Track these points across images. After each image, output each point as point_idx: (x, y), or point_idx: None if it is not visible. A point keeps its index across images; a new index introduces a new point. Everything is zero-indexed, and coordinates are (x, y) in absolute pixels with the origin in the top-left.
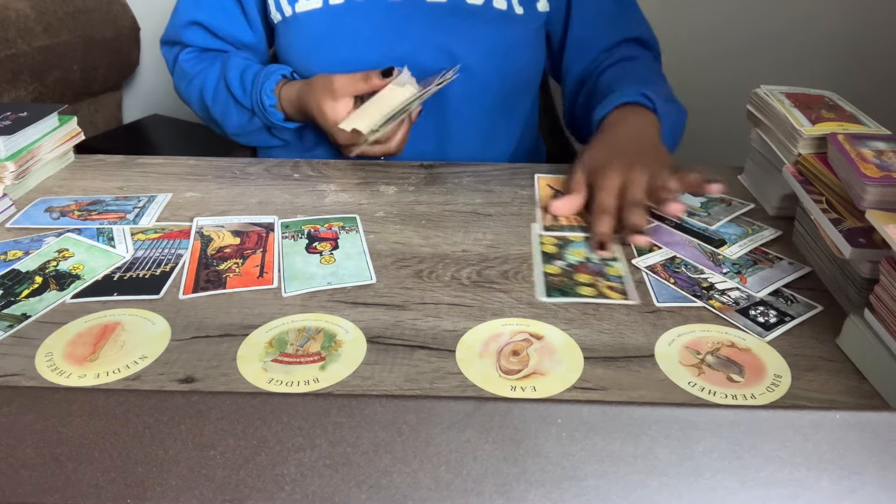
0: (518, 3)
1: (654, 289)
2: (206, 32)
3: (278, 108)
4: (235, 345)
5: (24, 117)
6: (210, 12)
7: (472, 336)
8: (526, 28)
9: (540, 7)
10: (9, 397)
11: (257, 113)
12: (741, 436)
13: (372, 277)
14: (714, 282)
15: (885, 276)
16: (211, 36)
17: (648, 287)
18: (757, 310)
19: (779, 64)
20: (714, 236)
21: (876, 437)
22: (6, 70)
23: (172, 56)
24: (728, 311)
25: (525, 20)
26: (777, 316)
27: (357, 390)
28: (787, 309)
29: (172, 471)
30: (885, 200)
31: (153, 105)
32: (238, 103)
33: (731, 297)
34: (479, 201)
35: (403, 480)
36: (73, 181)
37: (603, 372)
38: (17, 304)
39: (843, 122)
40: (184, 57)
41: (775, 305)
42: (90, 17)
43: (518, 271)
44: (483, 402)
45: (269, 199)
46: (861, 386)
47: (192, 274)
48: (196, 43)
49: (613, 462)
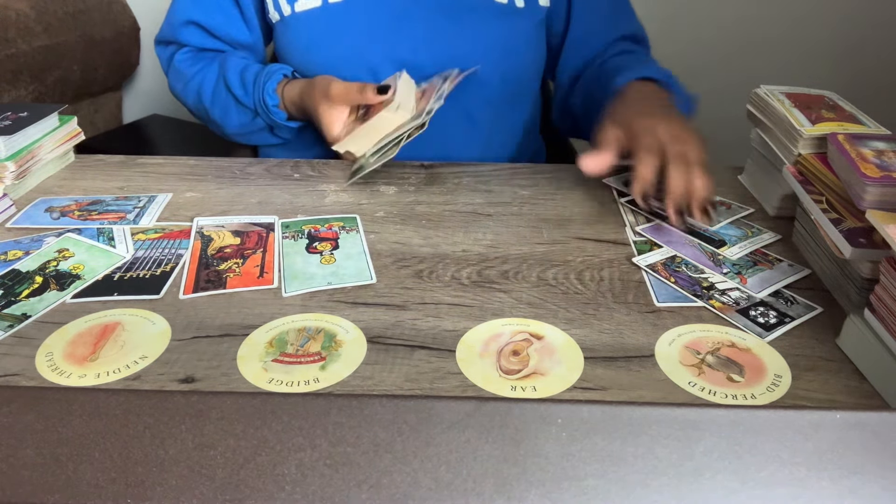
0: None
1: (654, 288)
2: (202, 32)
3: (281, 107)
4: (236, 345)
5: (24, 117)
6: (207, 12)
7: (472, 336)
8: (527, 23)
9: (542, 2)
10: (9, 397)
11: (260, 113)
12: (741, 436)
13: (372, 277)
14: (714, 281)
15: (885, 276)
16: (208, 35)
17: (648, 287)
18: (757, 310)
19: (779, 64)
20: (714, 237)
21: (876, 437)
22: (6, 70)
23: (167, 56)
24: (728, 311)
25: (526, 14)
26: (777, 317)
27: (357, 390)
28: (786, 310)
29: (172, 471)
30: (885, 200)
31: (153, 105)
32: (239, 103)
33: (732, 297)
34: (479, 201)
35: (403, 480)
36: (73, 181)
37: (603, 372)
38: (18, 304)
39: (843, 122)
40: (179, 57)
41: (775, 306)
42: (90, 17)
43: (518, 271)
44: (483, 402)
45: (270, 199)
46: (861, 386)
47: (192, 274)
48: (192, 42)
49: (613, 462)
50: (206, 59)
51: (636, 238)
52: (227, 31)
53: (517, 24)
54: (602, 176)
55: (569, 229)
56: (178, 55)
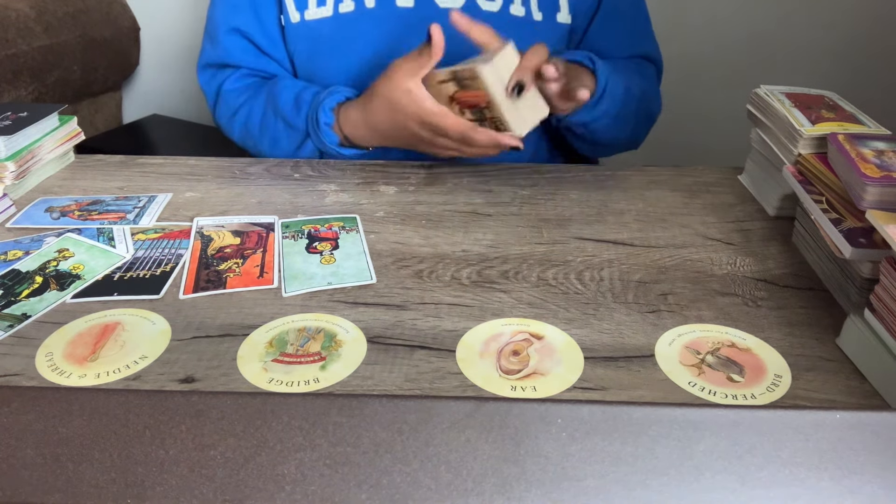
0: (537, 9)
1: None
2: (246, 40)
3: (335, 129)
4: (235, 345)
5: (24, 117)
6: (244, 15)
7: (472, 336)
8: (544, 36)
9: (560, 18)
10: (9, 397)
11: (311, 133)
12: (741, 436)
13: (372, 277)
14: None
15: (885, 276)
16: (250, 44)
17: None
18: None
19: (779, 63)
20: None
21: (876, 437)
22: (6, 70)
23: (215, 86)
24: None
25: (544, 28)
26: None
27: (357, 390)
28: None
29: (172, 471)
30: (885, 200)
31: (153, 105)
32: (289, 126)
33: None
34: (479, 201)
35: (403, 480)
36: (73, 181)
37: (603, 372)
38: (18, 304)
39: (843, 122)
40: (228, 87)
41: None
42: (90, 17)
43: (518, 271)
44: (483, 402)
45: (270, 199)
46: (861, 386)
47: (192, 274)
48: (236, 54)
49: (613, 462)
50: (254, 87)
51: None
52: (264, 33)
53: (534, 38)
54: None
55: (569, 229)
56: (226, 84)
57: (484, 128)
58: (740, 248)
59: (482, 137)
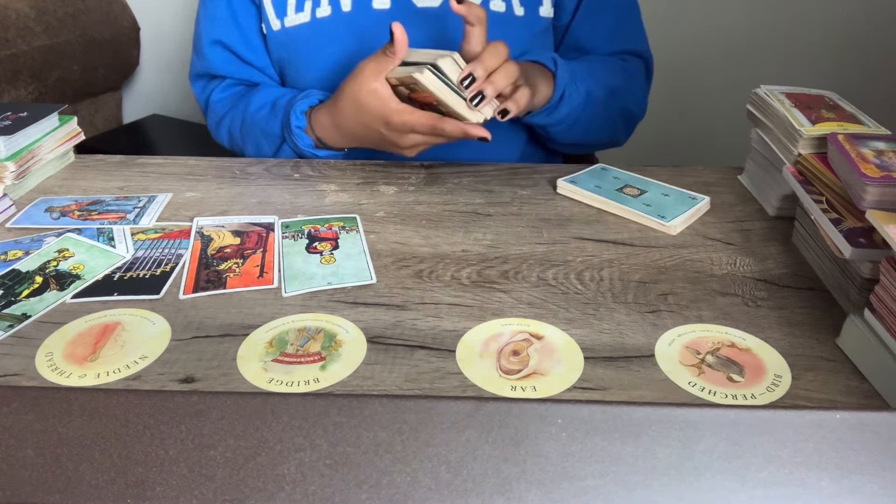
0: (519, 4)
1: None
2: (228, 51)
3: (307, 132)
4: (235, 345)
5: (24, 117)
6: (226, 28)
7: (472, 336)
8: (526, 31)
9: (543, 12)
10: (9, 397)
11: (286, 137)
12: (741, 436)
13: (372, 277)
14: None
15: (885, 276)
16: (233, 55)
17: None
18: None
19: (779, 63)
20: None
21: (876, 437)
22: (6, 70)
23: (205, 97)
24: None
25: (525, 23)
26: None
27: (357, 390)
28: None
29: (172, 471)
30: (885, 200)
31: (153, 105)
32: (266, 131)
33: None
34: (479, 201)
35: (403, 480)
36: (73, 181)
37: (603, 372)
38: (18, 304)
39: (843, 122)
40: (216, 97)
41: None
42: (90, 17)
43: (518, 271)
44: (483, 402)
45: (269, 199)
46: (861, 386)
47: (192, 274)
48: (218, 64)
49: (613, 462)
50: (238, 96)
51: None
52: (246, 43)
53: (515, 33)
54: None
55: (569, 229)
56: (213, 95)
57: (450, 118)
58: (740, 248)
59: (450, 127)
